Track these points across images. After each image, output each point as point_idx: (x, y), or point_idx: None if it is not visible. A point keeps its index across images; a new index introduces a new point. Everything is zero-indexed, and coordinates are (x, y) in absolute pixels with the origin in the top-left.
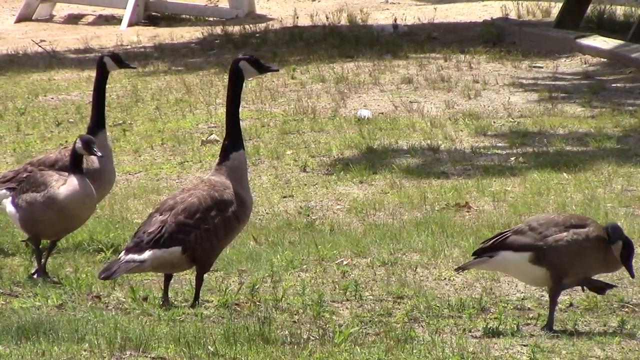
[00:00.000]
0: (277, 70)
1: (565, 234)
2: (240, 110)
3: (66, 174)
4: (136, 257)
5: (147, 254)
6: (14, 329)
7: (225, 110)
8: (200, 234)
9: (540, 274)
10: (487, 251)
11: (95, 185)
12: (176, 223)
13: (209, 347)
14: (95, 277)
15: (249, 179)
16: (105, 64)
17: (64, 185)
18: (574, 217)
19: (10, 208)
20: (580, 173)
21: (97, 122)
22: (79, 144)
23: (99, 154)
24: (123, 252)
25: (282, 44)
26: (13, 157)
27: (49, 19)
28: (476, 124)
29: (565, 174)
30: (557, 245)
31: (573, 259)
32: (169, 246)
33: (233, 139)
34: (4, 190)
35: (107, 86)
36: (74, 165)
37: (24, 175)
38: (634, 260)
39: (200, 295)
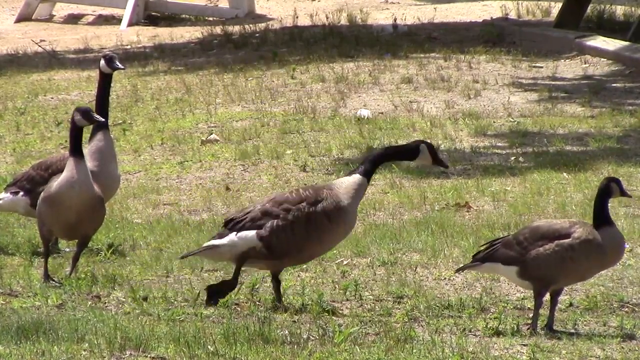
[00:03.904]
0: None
1: (547, 246)
2: (240, 110)
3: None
4: (215, 242)
5: (225, 239)
6: (14, 329)
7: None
8: (278, 222)
9: (528, 286)
10: (480, 259)
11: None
12: (261, 210)
13: (209, 347)
14: (95, 277)
15: (249, 178)
16: (99, 65)
17: (58, 178)
18: (562, 225)
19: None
20: (580, 173)
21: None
22: (77, 116)
23: (101, 119)
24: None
25: (282, 44)
26: (13, 157)
27: (49, 19)
28: (476, 124)
29: (565, 174)
30: (537, 260)
31: (556, 271)
32: (247, 229)
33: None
34: (8, 194)
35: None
36: (74, 144)
37: (24, 179)
38: (633, 260)
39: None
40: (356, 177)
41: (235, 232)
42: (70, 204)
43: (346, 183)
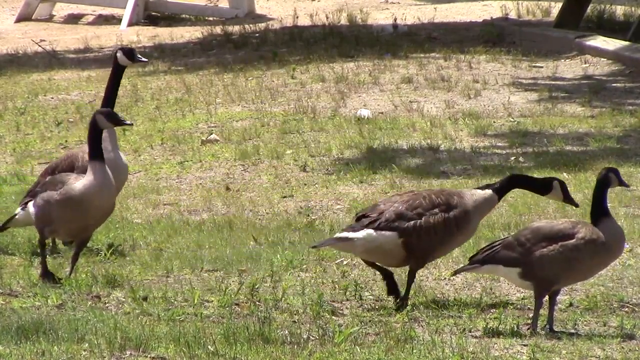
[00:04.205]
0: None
1: (551, 248)
2: (240, 110)
3: (81, 176)
4: (350, 234)
5: (361, 233)
6: (14, 329)
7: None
8: (419, 224)
9: (529, 286)
10: (479, 261)
11: None
12: (395, 212)
13: (209, 347)
14: (95, 277)
15: (249, 178)
16: (116, 58)
17: (80, 180)
18: (565, 226)
19: (31, 210)
20: (580, 173)
21: None
22: (100, 119)
23: (128, 122)
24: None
25: (282, 44)
26: (13, 157)
27: (49, 18)
28: (476, 124)
29: (565, 174)
30: (541, 261)
31: (560, 272)
32: (385, 229)
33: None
34: (21, 207)
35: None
36: (94, 147)
37: (35, 188)
38: (633, 260)
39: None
40: (488, 192)
41: (372, 229)
42: (97, 207)
43: (477, 195)
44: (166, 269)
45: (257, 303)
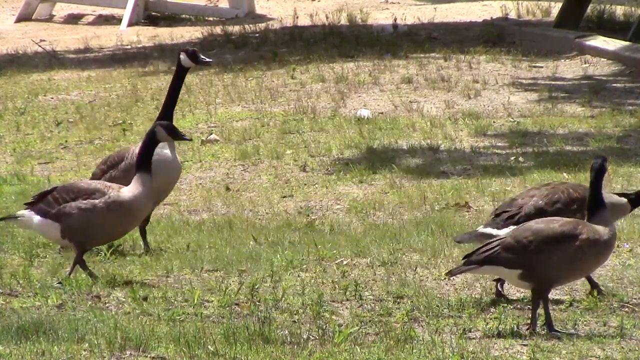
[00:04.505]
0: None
1: (555, 250)
2: (240, 110)
3: (114, 185)
4: (494, 231)
5: (504, 231)
6: (14, 329)
7: None
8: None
9: (529, 287)
10: (478, 262)
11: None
12: (535, 206)
13: (209, 347)
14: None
15: (249, 178)
16: (180, 60)
17: (127, 188)
18: (566, 227)
19: (37, 219)
20: (580, 173)
21: (164, 116)
22: (161, 132)
23: (187, 137)
24: (481, 225)
25: (282, 44)
26: (13, 157)
27: (49, 18)
28: (476, 124)
29: (565, 174)
30: (545, 263)
31: (563, 272)
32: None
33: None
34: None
35: (107, 85)
36: (145, 158)
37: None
38: (633, 260)
39: None
40: (624, 200)
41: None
42: (141, 216)
43: (614, 198)
44: (166, 269)
45: (257, 303)
